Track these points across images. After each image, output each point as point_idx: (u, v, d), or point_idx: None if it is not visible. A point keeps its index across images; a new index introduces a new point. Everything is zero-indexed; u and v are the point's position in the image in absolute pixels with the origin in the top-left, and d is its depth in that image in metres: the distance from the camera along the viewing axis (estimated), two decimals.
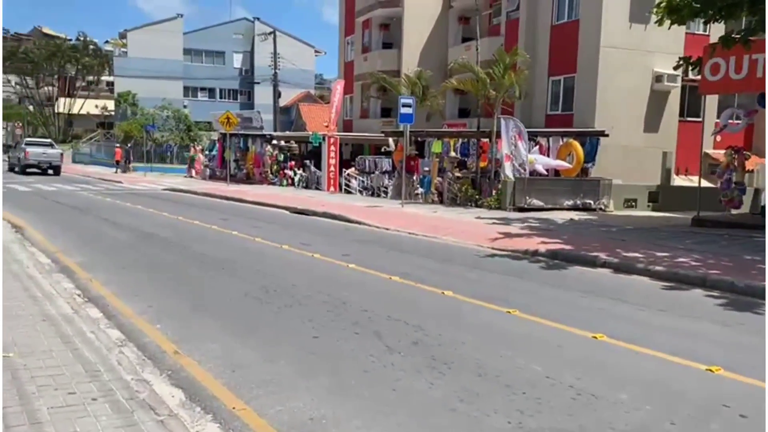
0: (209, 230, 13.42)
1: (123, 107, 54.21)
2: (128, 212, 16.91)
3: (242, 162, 30.89)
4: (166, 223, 14.57)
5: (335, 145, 25.15)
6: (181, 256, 10.33)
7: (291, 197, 21.76)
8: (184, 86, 56.13)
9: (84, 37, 65.53)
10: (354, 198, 23.19)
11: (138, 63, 53.35)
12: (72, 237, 12.38)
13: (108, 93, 70.11)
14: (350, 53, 34.19)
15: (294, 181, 27.89)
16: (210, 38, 56.71)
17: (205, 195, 23.23)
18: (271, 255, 10.53)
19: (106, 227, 13.81)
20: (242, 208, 18.92)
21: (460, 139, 20.36)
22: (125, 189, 25.93)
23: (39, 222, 14.28)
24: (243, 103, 56.78)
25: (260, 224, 14.80)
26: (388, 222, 14.93)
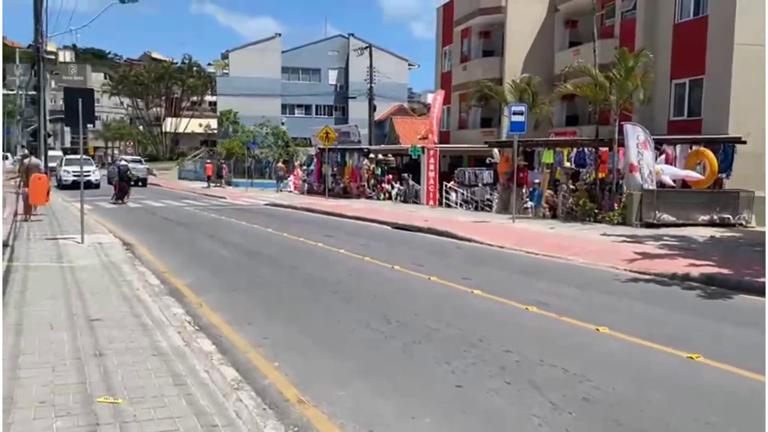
0: (315, 248, 12.84)
1: (225, 125, 56.04)
2: (233, 228, 16.75)
3: (339, 176, 30.64)
4: (272, 240, 14.16)
5: (435, 157, 24.28)
6: (291, 276, 9.72)
7: (390, 212, 21.05)
8: (282, 104, 57.33)
9: (189, 59, 68.84)
10: (456, 212, 22.15)
11: (239, 82, 55.05)
12: (180, 255, 12.16)
13: (211, 112, 73.20)
14: (447, 64, 33.35)
15: (391, 194, 27.24)
16: (306, 56, 57.71)
17: (305, 210, 22.98)
18: (385, 277, 9.71)
19: (212, 244, 13.56)
20: (344, 224, 18.38)
21: (575, 149, 18.88)
22: (228, 204, 26.22)
23: (148, 239, 14.27)
24: (338, 118, 57.24)
25: (365, 241, 14.10)
26: (501, 239, 13.81)
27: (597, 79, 16.23)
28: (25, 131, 62.98)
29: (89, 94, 13.01)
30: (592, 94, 16.45)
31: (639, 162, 16.33)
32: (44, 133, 28.19)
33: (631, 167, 16.42)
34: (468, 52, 30.59)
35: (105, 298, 7.65)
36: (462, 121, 30.98)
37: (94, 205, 23.22)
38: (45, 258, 10.74)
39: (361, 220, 19.09)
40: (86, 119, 12.78)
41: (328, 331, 6.56)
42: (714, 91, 18.87)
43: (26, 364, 5.07)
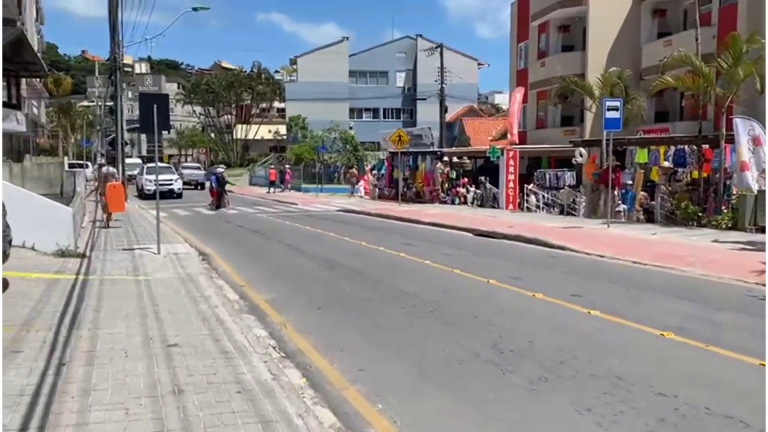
0: (398, 259, 11.98)
1: (294, 131, 56.32)
2: (309, 237, 16.15)
3: (411, 180, 29.80)
4: (350, 250, 13.42)
5: (515, 159, 23.04)
6: (378, 292, 8.88)
7: (470, 217, 19.99)
8: (350, 108, 57.11)
9: (258, 66, 69.84)
10: (540, 217, 20.84)
11: (307, 87, 55.20)
12: (257, 266, 11.59)
13: (279, 118, 74.06)
14: (522, 61, 31.94)
15: (467, 199, 26.15)
16: (373, 59, 57.28)
17: (379, 216, 22.23)
18: (483, 295, 8.72)
19: (289, 254, 12.94)
20: (422, 231, 17.47)
21: (672, 147, 17.28)
22: (300, 211, 25.84)
23: (224, 249, 13.82)
24: (405, 121, 56.53)
25: (449, 250, 13.14)
26: (599, 246, 12.55)
27: (701, 69, 14.65)
28: (104, 140, 65.61)
29: (164, 99, 12.69)
30: (695, 87, 14.88)
31: (750, 160, 14.68)
32: (121, 141, 28.70)
33: (742, 165, 14.77)
34: (546, 47, 29.12)
35: (182, 317, 7.03)
36: (540, 120, 29.53)
37: (169, 213, 23.29)
38: (121, 270, 10.35)
39: (439, 226, 18.14)
40: (161, 125, 12.41)
41: (432, 362, 5.66)
42: None
43: (97, 403, 4.42)
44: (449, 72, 45.54)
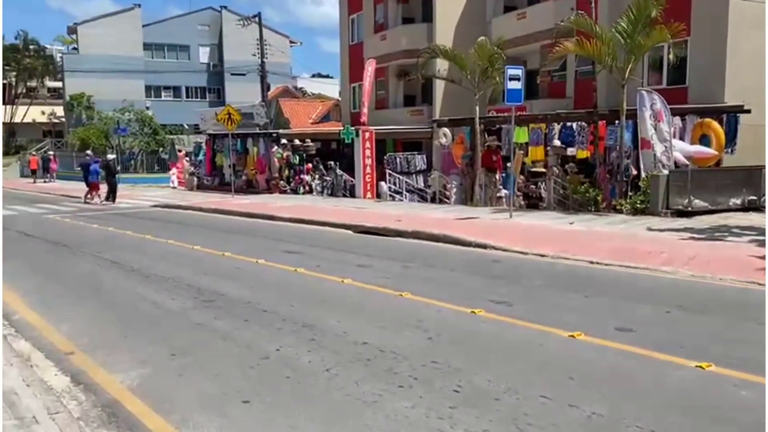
0: (299, 278, 8.46)
1: (77, 111, 47.70)
2: (138, 247, 11.74)
3: (240, 167, 25.63)
4: (218, 267, 9.51)
5: (371, 141, 20.29)
6: (323, 350, 5.39)
7: (333, 210, 16.83)
8: (146, 85, 49.91)
9: (24, 36, 58.36)
10: (415, 206, 18.25)
11: (91, 61, 46.94)
12: (82, 304, 7.29)
13: (52, 99, 63.08)
14: (357, 34, 29.29)
15: (312, 187, 22.88)
16: (171, 31, 50.54)
17: (215, 211, 18.05)
18: (485, 336, 5.74)
19: (129, 281, 8.66)
20: (287, 230, 13.91)
21: (557, 124, 15.81)
22: (104, 208, 20.45)
23: (18, 276, 9.02)
24: (212, 101, 51.01)
25: (353, 258, 9.93)
26: (528, 244, 10.28)
27: (603, 36, 13.09)
28: None
29: None
30: (598, 56, 13.33)
31: (652, 137, 13.55)
32: None
33: (643, 143, 13.62)
34: (384, 19, 26.73)
35: None
36: (380, 100, 27.15)
37: None
38: None
39: (306, 223, 14.72)
40: None
41: None
42: (703, 54, 16.58)
43: None
44: (270, 47, 41.28)
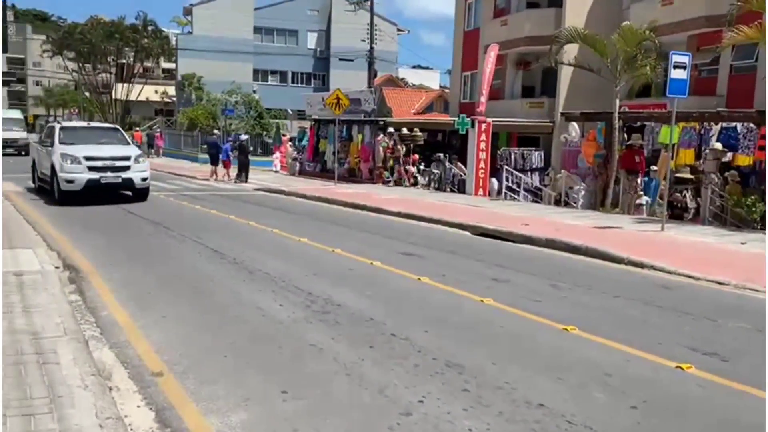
0: (423, 288, 7.08)
1: (187, 92, 48.82)
2: (241, 235, 10.77)
3: (343, 155, 24.64)
4: (327, 266, 8.29)
5: (487, 133, 18.63)
6: (481, 419, 3.96)
7: (443, 206, 15.34)
8: (254, 69, 50.34)
9: (144, 16, 60.56)
10: (538, 209, 16.26)
11: (204, 42, 47.82)
12: (182, 311, 6.16)
13: (166, 80, 65.48)
14: (473, 20, 27.57)
15: (417, 180, 21.48)
16: (282, 15, 50.61)
17: (319, 200, 17.02)
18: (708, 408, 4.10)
19: (229, 276, 7.59)
20: (397, 226, 12.55)
21: (715, 124, 13.52)
22: (207, 188, 20.02)
23: (110, 258, 8.20)
24: (317, 87, 50.70)
25: (481, 267, 8.44)
26: (696, 265, 8.36)
27: None
28: None
29: None
30: None
31: None
32: None
33: None
34: (507, 4, 24.83)
35: None
36: (494, 90, 25.28)
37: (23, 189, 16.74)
38: None
39: (415, 219, 13.32)
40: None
41: None
42: None
43: None
44: (382, 33, 40.34)
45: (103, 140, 15.35)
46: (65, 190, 13.86)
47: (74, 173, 13.82)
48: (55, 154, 14.16)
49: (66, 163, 13.84)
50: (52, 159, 14.24)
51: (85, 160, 13.86)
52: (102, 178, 14.02)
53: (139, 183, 14.64)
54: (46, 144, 15.37)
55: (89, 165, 13.86)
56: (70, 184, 13.80)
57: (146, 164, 15.16)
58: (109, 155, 14.27)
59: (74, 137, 14.94)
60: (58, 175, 13.88)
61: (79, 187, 13.82)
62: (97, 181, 13.94)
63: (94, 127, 17.50)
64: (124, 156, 14.57)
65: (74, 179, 13.79)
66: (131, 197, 14.89)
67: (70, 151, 14.06)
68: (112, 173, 14.17)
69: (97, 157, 14.06)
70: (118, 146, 15.23)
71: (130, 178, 14.44)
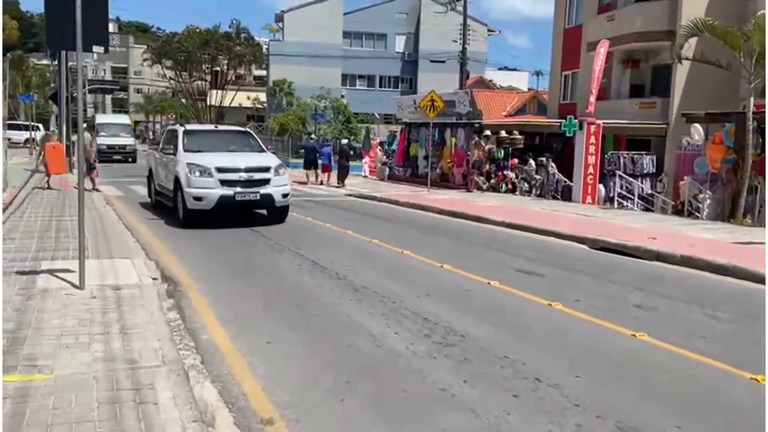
0: (556, 317, 6.13)
1: (278, 97, 49.61)
2: (340, 245, 10.13)
3: (435, 159, 23.80)
4: (438, 285, 7.47)
5: (597, 135, 17.27)
6: None
7: (550, 215, 14.19)
8: (342, 73, 50.51)
9: (237, 24, 62.32)
10: (658, 219, 14.54)
11: (294, 47, 48.43)
12: (288, 337, 5.49)
13: (257, 86, 67.00)
14: (574, 17, 26.07)
15: (515, 185, 20.32)
16: (371, 19, 50.59)
17: (413, 206, 16.22)
18: None
19: (333, 293, 6.92)
20: (504, 237, 11.53)
21: None
22: (302, 194, 19.74)
23: (209, 270, 7.74)
24: (404, 90, 50.24)
25: (617, 290, 7.35)
26: None
27: None
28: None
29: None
30: None
31: None
32: (67, 95, 22.16)
33: None
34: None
35: None
36: (601, 90, 23.70)
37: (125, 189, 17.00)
38: None
39: (522, 229, 12.21)
40: (90, 35, 6.27)
41: None
42: None
43: None
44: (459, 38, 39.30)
45: (233, 147, 12.84)
46: (192, 209, 11.32)
47: (204, 188, 11.23)
48: (180, 165, 11.69)
49: (194, 176, 11.29)
50: (176, 170, 11.76)
51: (217, 172, 11.30)
52: (237, 194, 11.37)
53: (279, 200, 11.90)
54: (167, 151, 12.97)
55: (221, 178, 11.30)
56: (199, 202, 11.25)
57: (287, 177, 12.39)
58: (245, 166, 11.60)
59: (201, 143, 12.45)
60: (183, 191, 11.37)
61: (210, 206, 11.28)
62: (230, 198, 11.32)
63: (222, 131, 14.74)
64: (263, 167, 11.83)
65: (204, 196, 11.22)
66: (264, 217, 12.44)
67: (198, 161, 11.50)
68: (249, 188, 11.48)
69: (231, 168, 11.50)
70: (253, 154, 12.55)
71: (269, 194, 11.66)
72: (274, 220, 12.20)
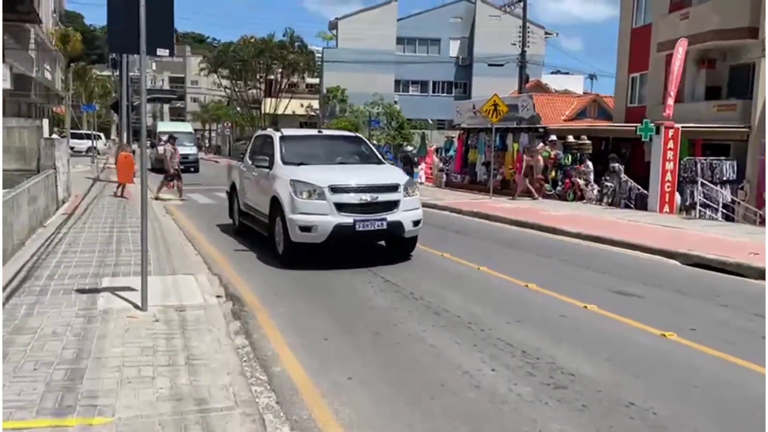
0: (678, 354, 5.32)
1: (332, 104, 49.52)
2: (415, 261, 9.45)
3: (495, 165, 22.93)
4: (529, 310, 6.73)
5: (675, 140, 16.13)
6: None
7: (629, 225, 13.18)
8: (396, 79, 50.06)
9: (291, 33, 62.79)
10: (749, 230, 13.54)
11: (348, 54, 48.30)
12: (368, 371, 4.86)
13: (309, 94, 67.28)
14: (643, 16, 24.79)
15: (584, 194, 19.26)
16: (425, 24, 50.00)
17: (476, 216, 15.44)
18: None
19: (412, 316, 6.27)
20: (585, 251, 10.64)
21: None
22: None
23: (271, 286, 7.21)
24: (458, 95, 49.40)
25: (739, 319, 6.44)
26: None
27: None
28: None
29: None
30: None
31: None
32: (127, 104, 22.37)
33: None
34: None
35: None
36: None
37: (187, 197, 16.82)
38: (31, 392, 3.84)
39: (601, 242, 11.32)
40: (155, 37, 5.84)
41: None
42: None
43: None
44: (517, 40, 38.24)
45: (341, 157, 10.07)
46: (298, 242, 8.58)
47: (315, 214, 8.45)
48: (280, 182, 8.95)
49: (300, 198, 8.52)
50: (274, 189, 9.02)
51: (332, 193, 8.48)
52: (357, 222, 8.46)
53: (410, 229, 8.92)
54: (259, 163, 9.86)
55: (337, 201, 8.47)
56: (307, 234, 8.47)
57: (417, 197, 9.41)
58: (367, 183, 8.71)
59: (302, 153, 9.71)
60: (286, 218, 8.59)
61: (322, 238, 8.48)
62: (349, 228, 8.44)
63: (328, 137, 11.43)
64: (390, 184, 8.88)
65: (314, 225, 8.41)
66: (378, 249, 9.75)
67: (305, 177, 8.71)
68: (372, 214, 8.58)
69: (349, 187, 8.63)
70: (371, 167, 9.75)
71: (398, 221, 8.69)
72: (398, 255, 9.32)
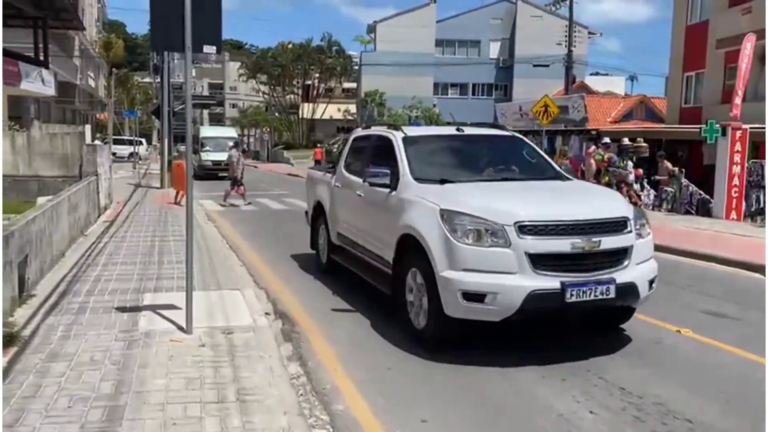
0: None
1: (370, 108, 49.06)
2: None
3: None
4: (625, 337, 5.98)
5: (743, 142, 15.07)
6: None
7: (698, 234, 12.31)
8: (434, 82, 49.31)
9: (329, 38, 62.73)
10: None
11: (386, 57, 47.77)
12: (452, 415, 4.19)
13: (346, 99, 67.12)
14: (699, 12, 23.61)
15: (640, 198, 18.21)
16: (464, 26, 49.10)
17: None
18: None
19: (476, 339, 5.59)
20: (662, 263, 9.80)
21: None
22: None
23: (321, 303, 6.60)
24: (498, 98, 48.35)
25: None
26: None
27: None
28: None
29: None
30: None
31: None
32: (168, 110, 22.21)
33: None
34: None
35: None
36: (729, 92, 21.23)
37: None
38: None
39: (675, 253, 10.45)
40: (201, 35, 5.32)
41: None
42: None
43: None
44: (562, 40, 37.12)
45: (498, 168, 6.59)
46: (457, 318, 5.08)
47: (492, 272, 4.90)
48: (417, 209, 5.57)
49: (463, 241, 4.98)
50: (407, 221, 5.61)
51: (519, 234, 4.91)
52: (568, 287, 4.83)
53: (645, 294, 5.29)
54: (372, 179, 6.35)
55: (533, 249, 4.90)
56: (477, 305, 4.91)
57: (651, 238, 5.67)
58: (579, 218, 5.09)
59: (440, 162, 6.43)
60: (437, 275, 5.04)
61: (505, 313, 4.89)
62: (555, 296, 4.83)
63: (474, 138, 7.13)
64: (614, 219, 5.25)
65: (493, 291, 4.84)
66: None
67: (467, 206, 5.18)
68: (591, 273, 5.00)
69: (549, 223, 4.99)
70: (564, 188, 6.16)
71: (631, 284, 5.13)
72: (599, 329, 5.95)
